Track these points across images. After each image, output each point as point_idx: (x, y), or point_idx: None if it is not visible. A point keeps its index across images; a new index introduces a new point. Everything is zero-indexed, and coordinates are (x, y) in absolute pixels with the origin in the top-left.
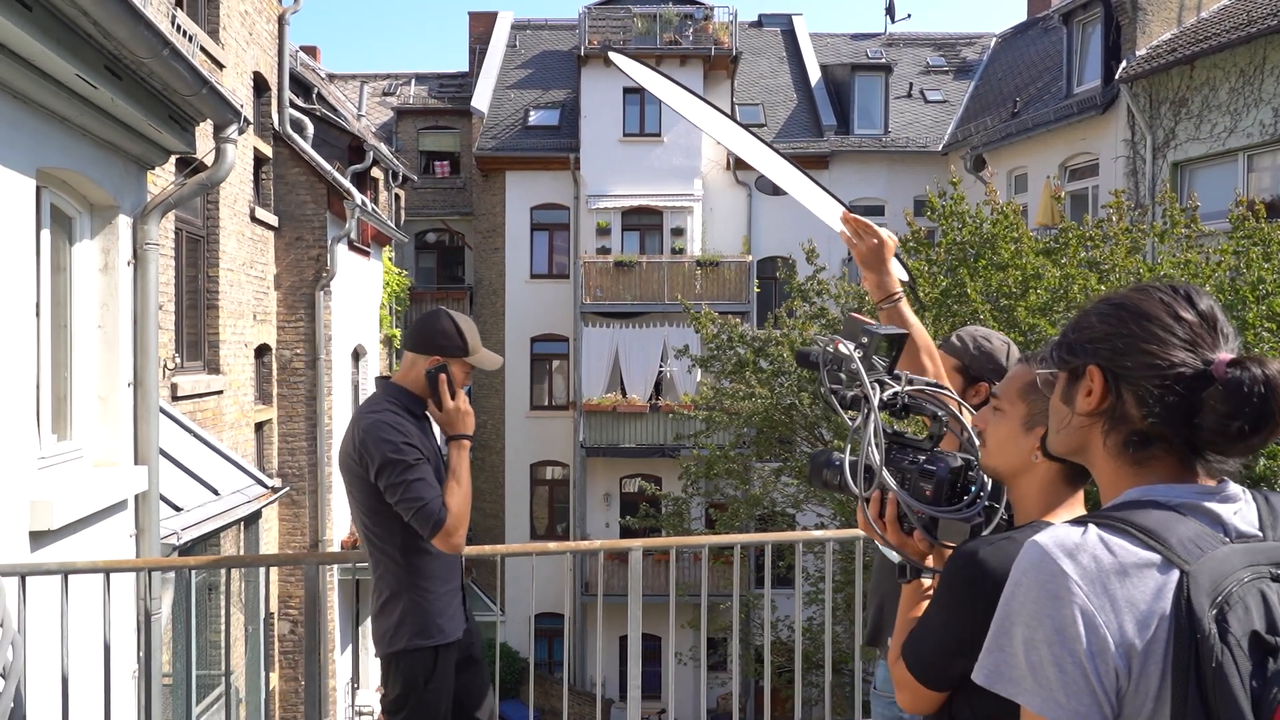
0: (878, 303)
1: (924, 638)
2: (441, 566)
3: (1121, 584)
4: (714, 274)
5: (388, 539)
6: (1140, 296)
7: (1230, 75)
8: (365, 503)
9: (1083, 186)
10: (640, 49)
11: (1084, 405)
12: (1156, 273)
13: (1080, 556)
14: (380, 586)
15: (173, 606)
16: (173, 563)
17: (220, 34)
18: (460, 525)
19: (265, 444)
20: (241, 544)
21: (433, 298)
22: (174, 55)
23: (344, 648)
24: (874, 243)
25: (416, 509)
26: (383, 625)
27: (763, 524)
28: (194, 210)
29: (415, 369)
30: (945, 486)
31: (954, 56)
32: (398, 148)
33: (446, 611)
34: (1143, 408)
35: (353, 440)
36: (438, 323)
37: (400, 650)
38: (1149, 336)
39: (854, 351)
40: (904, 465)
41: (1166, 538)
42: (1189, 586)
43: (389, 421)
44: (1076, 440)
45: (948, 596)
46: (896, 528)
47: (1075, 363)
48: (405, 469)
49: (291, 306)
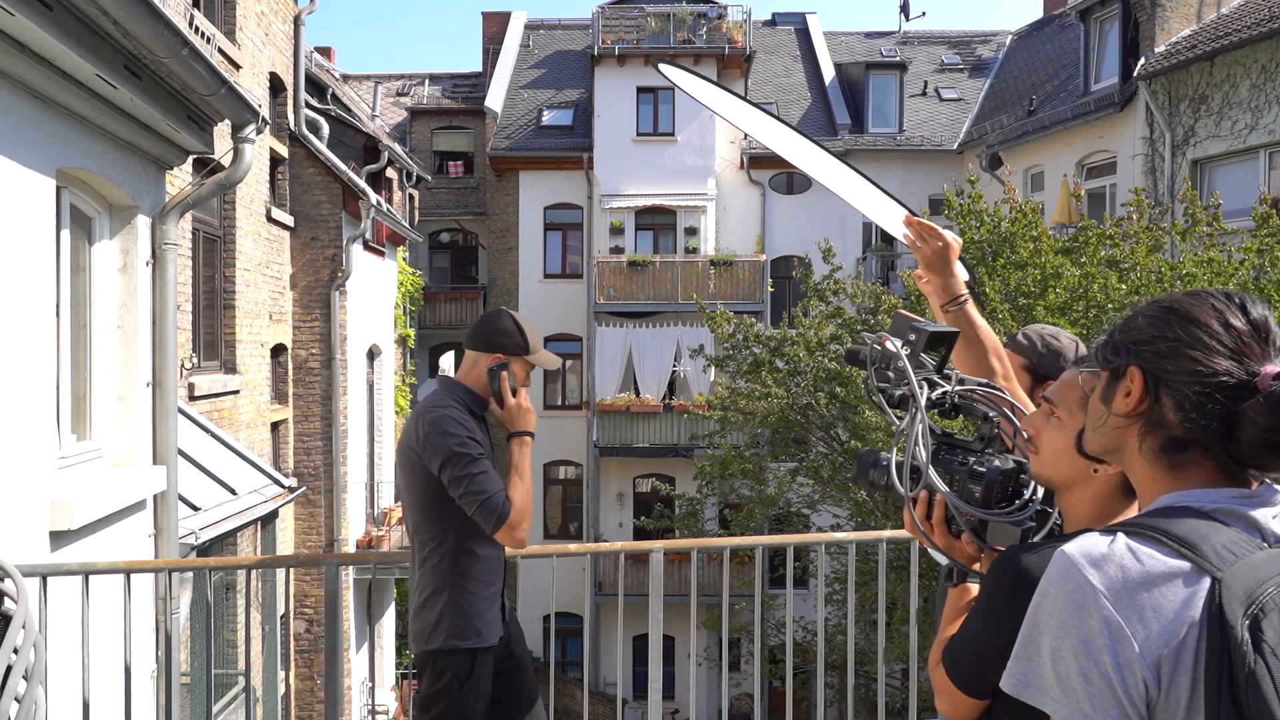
0: (943, 305)
1: (964, 644)
2: (485, 570)
3: (1149, 594)
4: (728, 273)
5: (439, 536)
6: (1192, 301)
7: (1251, 72)
8: (422, 498)
9: (1100, 185)
10: (654, 48)
11: (1122, 406)
12: (1178, 271)
13: (1107, 567)
14: (423, 584)
15: (191, 606)
16: (192, 563)
17: (237, 35)
18: (523, 519)
19: (281, 444)
20: (258, 543)
21: (446, 298)
22: (193, 55)
23: (359, 647)
24: (939, 245)
25: (481, 502)
26: (421, 622)
27: (778, 524)
28: (211, 210)
29: (477, 367)
30: (995, 489)
31: (969, 54)
32: (412, 148)
33: (486, 615)
34: (1180, 413)
35: (415, 434)
36: (499, 321)
37: (437, 649)
38: (1194, 342)
39: (901, 349)
40: (953, 466)
41: (1199, 545)
42: (1221, 594)
43: (453, 416)
44: (1112, 440)
45: (989, 602)
46: (944, 530)
47: (1117, 362)
48: (470, 462)
49: (307, 306)
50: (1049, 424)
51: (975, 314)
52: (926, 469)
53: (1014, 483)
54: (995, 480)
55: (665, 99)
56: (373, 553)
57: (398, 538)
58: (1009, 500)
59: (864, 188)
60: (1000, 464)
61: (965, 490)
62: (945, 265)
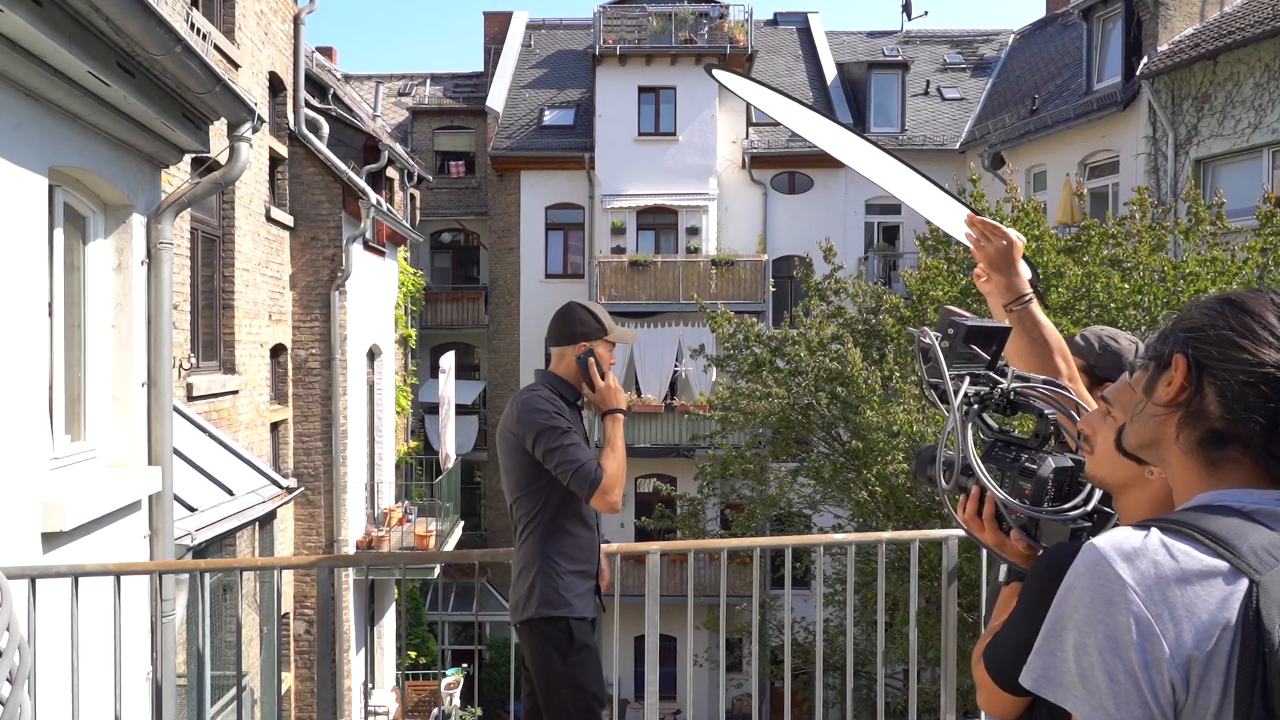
0: (1006, 305)
1: (1005, 640)
2: (577, 546)
3: (1182, 592)
4: (729, 273)
5: (534, 513)
6: (1251, 296)
7: (1255, 70)
8: (519, 476)
9: (1103, 184)
10: (655, 47)
11: (1163, 394)
12: (1181, 270)
13: (1139, 561)
14: (519, 558)
15: (187, 607)
16: (185, 565)
17: (236, 33)
18: (615, 485)
19: (280, 444)
20: (256, 544)
21: (448, 298)
22: (187, 52)
23: (359, 648)
24: (1003, 244)
25: (574, 470)
26: (515, 595)
27: (779, 525)
28: (209, 210)
29: (565, 359)
30: (1046, 486)
31: (971, 54)
32: (413, 148)
33: (576, 589)
34: (1222, 403)
35: (511, 415)
36: (572, 313)
37: (529, 619)
38: (1245, 331)
39: (939, 343)
40: (1006, 463)
41: (1237, 545)
42: (1258, 596)
43: (544, 396)
44: (1150, 431)
45: (1029, 599)
46: (995, 526)
47: (1164, 350)
48: (560, 434)
49: (307, 306)
50: (1105, 424)
51: (1040, 313)
52: (970, 465)
53: (1070, 481)
54: (1047, 478)
55: (666, 99)
56: (367, 554)
57: (398, 538)
58: (1064, 499)
59: (925, 188)
60: (1056, 461)
61: (1015, 487)
62: (1009, 264)
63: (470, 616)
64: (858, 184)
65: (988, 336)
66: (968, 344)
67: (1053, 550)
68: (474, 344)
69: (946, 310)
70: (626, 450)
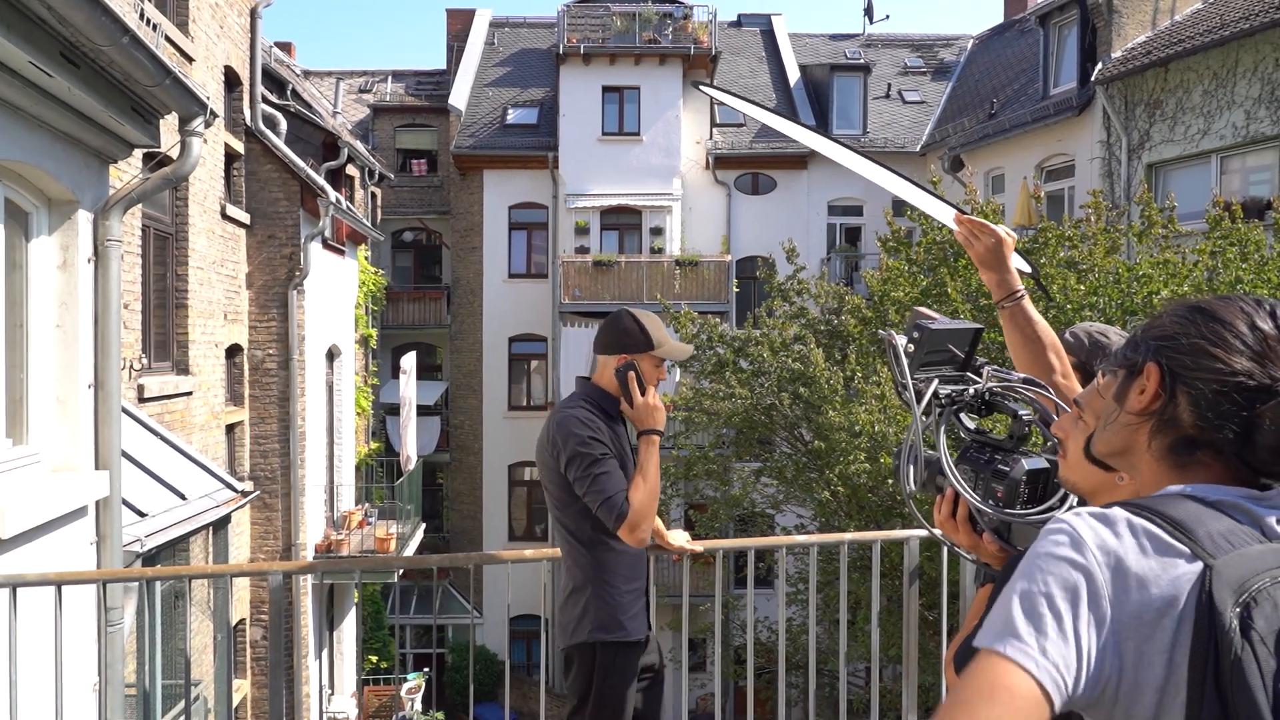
0: (998, 301)
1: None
2: (626, 564)
3: (1136, 564)
4: (693, 274)
5: (576, 531)
6: (1221, 303)
7: (1204, 78)
8: (557, 495)
9: (1059, 187)
10: (619, 47)
11: (1135, 403)
12: (1135, 272)
13: (1100, 530)
14: (567, 579)
15: (136, 615)
16: (131, 574)
17: (190, 26)
18: (644, 519)
19: (236, 446)
20: (210, 550)
21: (410, 297)
22: (135, 44)
23: (317, 654)
24: (991, 241)
25: (602, 501)
26: (566, 617)
27: (742, 525)
28: (162, 207)
29: (606, 370)
30: (1018, 488)
31: (931, 58)
32: (374, 145)
33: (630, 610)
34: (1195, 411)
35: (547, 434)
36: (620, 322)
37: (581, 643)
38: (1217, 339)
39: (906, 346)
40: (980, 464)
41: (1194, 530)
42: (1211, 580)
43: (580, 417)
44: (1121, 440)
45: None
46: (969, 529)
47: (1135, 359)
48: (592, 462)
49: (264, 306)
50: (1077, 428)
51: (1032, 310)
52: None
53: (1045, 483)
54: (1019, 479)
55: (630, 99)
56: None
57: (358, 541)
58: (1040, 500)
59: (916, 193)
60: (1029, 463)
61: (989, 489)
62: (1000, 261)
63: (432, 620)
64: (820, 185)
65: (958, 337)
66: (935, 346)
67: (1018, 555)
68: (436, 344)
69: (915, 312)
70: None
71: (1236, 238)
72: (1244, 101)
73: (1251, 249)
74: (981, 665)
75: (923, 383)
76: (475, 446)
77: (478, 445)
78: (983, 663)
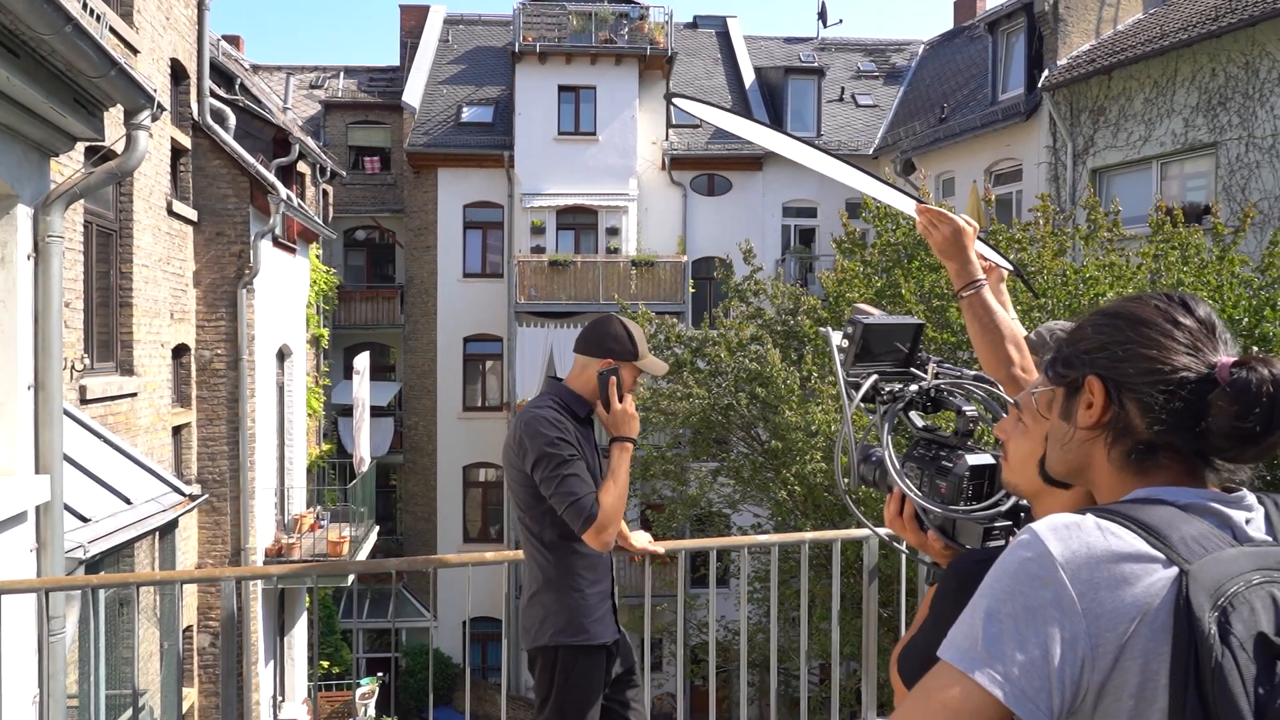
0: (958, 291)
1: (916, 646)
2: (590, 566)
3: (1109, 572)
4: (649, 274)
5: (540, 534)
6: (1135, 305)
7: (1145, 86)
8: (522, 496)
9: (1007, 191)
10: (575, 46)
11: (1085, 418)
12: (1082, 275)
13: (1071, 541)
14: (530, 581)
15: (79, 624)
16: (74, 582)
17: (134, 17)
18: (611, 523)
19: (184, 449)
20: (157, 555)
21: (362, 297)
22: (78, 32)
23: (268, 660)
24: (950, 230)
25: (569, 503)
26: (529, 619)
27: (699, 525)
28: (105, 202)
29: (586, 372)
30: (961, 485)
31: (884, 62)
32: (326, 142)
33: (595, 613)
34: (1147, 416)
35: (514, 434)
36: (610, 327)
37: (544, 646)
38: (1148, 342)
39: (840, 341)
40: (925, 461)
41: (1167, 534)
42: (1188, 585)
43: (548, 418)
44: (1078, 457)
45: (939, 603)
46: (915, 527)
47: (1072, 375)
48: (560, 463)
49: (212, 305)
50: (1017, 430)
51: (991, 300)
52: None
53: (991, 479)
54: (962, 476)
55: (587, 98)
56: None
57: (310, 545)
58: (985, 497)
59: (881, 189)
60: (974, 459)
61: (933, 486)
62: (960, 250)
63: (386, 623)
64: (775, 187)
65: (897, 333)
66: (873, 342)
67: (960, 557)
68: (389, 344)
69: (854, 308)
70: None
71: (1178, 241)
72: (1183, 109)
73: (1192, 252)
74: (946, 681)
75: (860, 378)
76: (429, 448)
77: (432, 446)
78: (948, 678)
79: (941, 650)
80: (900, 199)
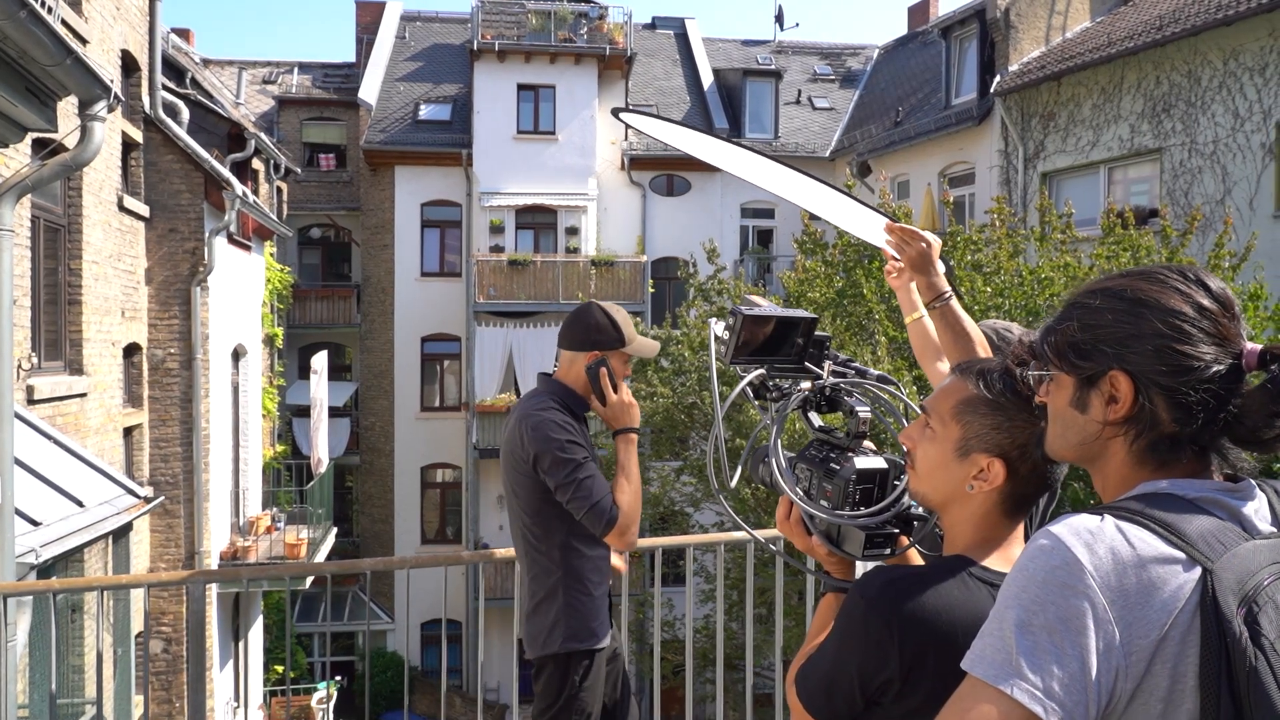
0: (929, 303)
1: (816, 664)
2: (595, 569)
3: (1138, 578)
4: (609, 274)
5: (546, 539)
6: (1158, 289)
7: (1093, 93)
8: (528, 501)
9: (961, 193)
10: (534, 45)
11: (1110, 413)
12: (1038, 275)
13: (1097, 547)
14: (535, 588)
15: (30, 631)
16: (32, 587)
17: (83, 6)
18: (632, 522)
19: (135, 450)
20: (109, 559)
21: (318, 295)
22: (33, 19)
23: (223, 665)
24: (922, 247)
25: (589, 507)
26: (537, 625)
27: (661, 524)
28: (52, 197)
29: (574, 366)
30: (848, 489)
31: (840, 66)
32: (279, 139)
33: (599, 615)
34: (1176, 412)
35: (519, 438)
36: (589, 317)
37: (554, 653)
38: (1180, 335)
39: (721, 334)
40: (815, 463)
41: (1186, 531)
42: (1214, 585)
43: (556, 420)
44: (1093, 450)
45: (843, 623)
46: (801, 530)
47: (1090, 367)
48: (576, 467)
49: (165, 303)
50: (924, 437)
51: (959, 308)
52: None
53: (883, 483)
54: (848, 479)
55: (546, 97)
56: (243, 567)
57: (265, 548)
58: (873, 502)
59: (842, 202)
60: (862, 462)
61: (820, 489)
62: (929, 265)
63: (344, 627)
64: (734, 188)
65: (786, 327)
66: (753, 334)
67: (870, 575)
68: (346, 344)
69: (744, 298)
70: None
71: (1129, 244)
72: (1129, 115)
73: (1143, 253)
74: (980, 698)
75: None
76: (386, 449)
77: (389, 447)
78: (981, 695)
79: (969, 664)
80: (871, 217)
